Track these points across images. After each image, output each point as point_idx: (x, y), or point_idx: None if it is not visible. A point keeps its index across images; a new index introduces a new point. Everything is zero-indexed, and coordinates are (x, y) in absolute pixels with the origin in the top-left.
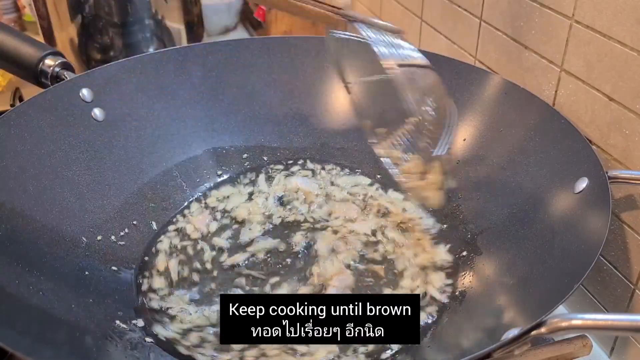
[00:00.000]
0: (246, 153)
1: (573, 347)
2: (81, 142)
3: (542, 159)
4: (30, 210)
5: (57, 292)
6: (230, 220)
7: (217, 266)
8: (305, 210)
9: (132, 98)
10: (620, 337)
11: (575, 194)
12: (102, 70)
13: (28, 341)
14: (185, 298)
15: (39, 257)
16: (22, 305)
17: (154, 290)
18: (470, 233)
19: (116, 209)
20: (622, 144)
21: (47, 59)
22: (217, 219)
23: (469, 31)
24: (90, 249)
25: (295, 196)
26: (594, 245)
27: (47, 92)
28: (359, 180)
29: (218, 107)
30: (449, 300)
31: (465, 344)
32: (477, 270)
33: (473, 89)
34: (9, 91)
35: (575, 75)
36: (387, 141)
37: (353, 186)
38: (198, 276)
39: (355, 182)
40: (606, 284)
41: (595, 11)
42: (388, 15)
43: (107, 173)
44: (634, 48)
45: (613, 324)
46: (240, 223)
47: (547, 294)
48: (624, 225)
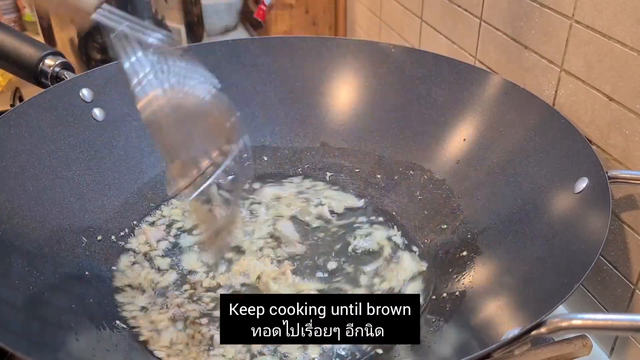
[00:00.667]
0: (246, 153)
1: (573, 347)
2: (81, 142)
3: (542, 159)
4: (30, 210)
5: (57, 292)
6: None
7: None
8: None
9: (132, 98)
10: (620, 337)
11: (575, 194)
12: (102, 70)
13: (28, 341)
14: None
15: (39, 257)
16: (22, 306)
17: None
18: (470, 233)
19: (116, 209)
20: (622, 144)
21: (47, 59)
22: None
23: (469, 31)
24: (90, 249)
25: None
26: (594, 245)
27: (47, 92)
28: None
29: None
30: (449, 300)
31: (466, 344)
32: (477, 270)
33: (473, 89)
34: (9, 91)
35: (575, 75)
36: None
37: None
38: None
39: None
40: (606, 284)
41: (595, 11)
42: (388, 15)
43: (107, 173)
44: (634, 48)
45: (613, 324)
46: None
47: (547, 294)
48: (624, 225)
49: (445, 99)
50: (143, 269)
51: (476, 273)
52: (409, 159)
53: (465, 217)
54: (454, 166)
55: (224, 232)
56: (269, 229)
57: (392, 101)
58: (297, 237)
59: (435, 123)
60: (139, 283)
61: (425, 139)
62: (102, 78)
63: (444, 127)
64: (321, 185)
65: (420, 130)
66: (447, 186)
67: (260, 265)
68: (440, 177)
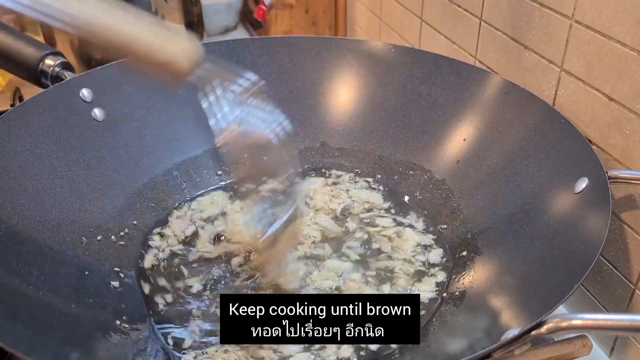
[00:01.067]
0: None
1: (573, 347)
2: (81, 142)
3: (542, 159)
4: (30, 210)
5: (57, 292)
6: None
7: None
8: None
9: (132, 98)
10: (620, 337)
11: (575, 194)
12: (102, 70)
13: (28, 341)
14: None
15: (39, 258)
16: (22, 305)
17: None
18: (470, 233)
19: (116, 209)
20: (622, 144)
21: (47, 59)
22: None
23: (469, 31)
24: (90, 249)
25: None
26: (594, 245)
27: (47, 92)
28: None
29: None
30: (449, 301)
31: (466, 344)
32: (477, 270)
33: (473, 89)
34: (9, 91)
35: (575, 75)
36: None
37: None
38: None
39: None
40: (606, 284)
41: (595, 11)
42: (388, 15)
43: (107, 173)
44: (634, 48)
45: (613, 324)
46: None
47: (547, 294)
48: (624, 225)
49: (445, 99)
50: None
51: (476, 273)
52: (409, 159)
53: (465, 217)
54: (454, 166)
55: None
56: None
57: (392, 101)
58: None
59: (435, 123)
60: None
61: (425, 139)
62: (102, 78)
63: (444, 127)
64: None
65: (420, 130)
66: (447, 186)
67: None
68: (440, 177)
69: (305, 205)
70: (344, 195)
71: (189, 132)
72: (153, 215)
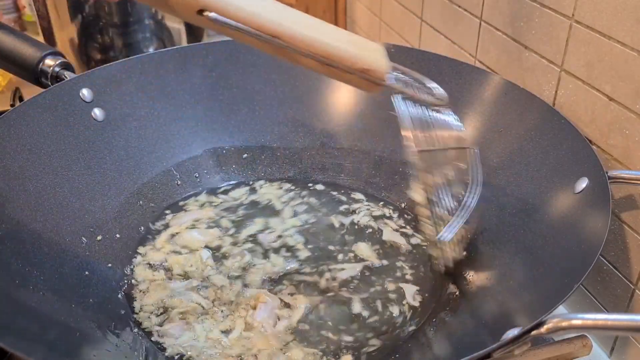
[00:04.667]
0: (246, 153)
1: (573, 347)
2: (81, 142)
3: (542, 159)
4: (30, 210)
5: (57, 292)
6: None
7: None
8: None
9: (132, 98)
10: (620, 337)
11: (575, 194)
12: (102, 70)
13: (28, 341)
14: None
15: (39, 257)
16: (22, 306)
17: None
18: (470, 233)
19: (116, 209)
20: (622, 144)
21: (47, 59)
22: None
23: (469, 31)
24: (90, 249)
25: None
26: (594, 245)
27: (47, 92)
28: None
29: (218, 107)
30: (449, 300)
31: (466, 343)
32: (477, 270)
33: (473, 89)
34: (9, 91)
35: (575, 75)
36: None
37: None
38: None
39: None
40: (606, 284)
41: (595, 11)
42: (388, 15)
43: (107, 173)
44: (634, 48)
45: (613, 324)
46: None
47: (547, 294)
48: (624, 225)
49: None
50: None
51: (476, 273)
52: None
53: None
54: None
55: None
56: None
57: (392, 101)
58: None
59: None
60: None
61: None
62: (102, 78)
63: None
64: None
65: None
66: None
67: None
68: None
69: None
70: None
71: (189, 132)
72: (153, 215)
